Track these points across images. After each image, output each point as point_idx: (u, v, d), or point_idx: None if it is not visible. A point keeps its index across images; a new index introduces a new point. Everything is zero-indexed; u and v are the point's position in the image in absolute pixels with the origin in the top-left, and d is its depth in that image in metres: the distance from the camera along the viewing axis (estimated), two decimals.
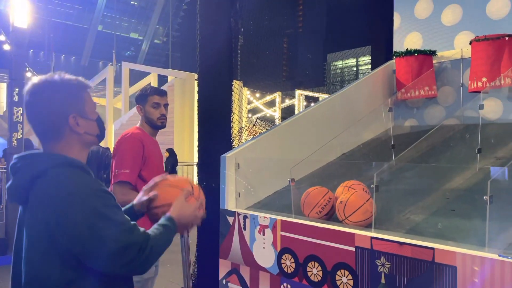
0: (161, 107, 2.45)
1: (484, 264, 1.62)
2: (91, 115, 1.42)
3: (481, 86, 3.49)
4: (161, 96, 2.46)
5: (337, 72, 38.94)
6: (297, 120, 3.30)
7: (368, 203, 2.23)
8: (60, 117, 1.35)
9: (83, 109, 1.39)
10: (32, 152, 1.37)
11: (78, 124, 1.37)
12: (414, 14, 4.29)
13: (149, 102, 2.33)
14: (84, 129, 1.38)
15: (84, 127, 1.38)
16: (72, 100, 1.37)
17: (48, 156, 1.34)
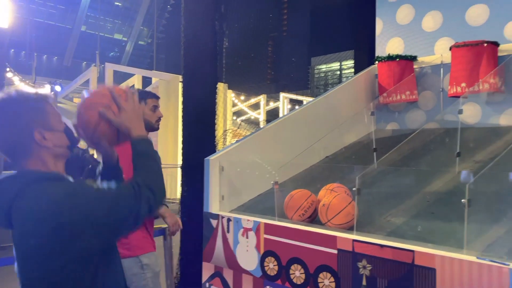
0: (158, 110, 2.44)
1: (463, 266, 1.66)
2: (57, 127, 1.36)
3: (460, 91, 3.58)
4: (157, 99, 2.46)
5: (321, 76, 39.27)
6: (281, 123, 3.31)
7: (350, 206, 2.25)
8: (24, 134, 1.29)
9: (47, 122, 1.33)
10: (5, 175, 1.33)
11: (45, 138, 1.31)
12: (396, 20, 4.37)
13: (148, 105, 2.28)
14: (52, 142, 1.33)
15: (52, 140, 1.32)
16: (34, 115, 1.31)
17: (22, 174, 1.30)
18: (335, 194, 2.39)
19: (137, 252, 2.09)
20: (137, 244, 2.10)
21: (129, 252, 2.07)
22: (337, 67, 37.70)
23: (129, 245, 2.08)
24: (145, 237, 2.12)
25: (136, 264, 2.09)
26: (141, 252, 2.10)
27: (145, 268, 2.09)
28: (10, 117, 1.29)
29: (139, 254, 2.09)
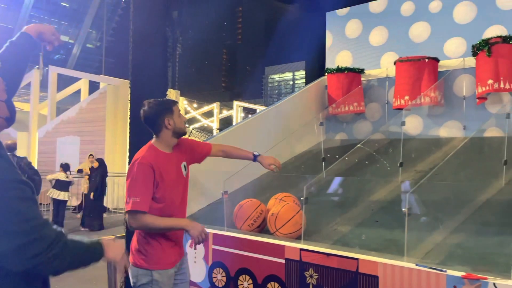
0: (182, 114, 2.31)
1: (403, 273, 1.71)
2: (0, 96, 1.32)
3: (404, 104, 3.75)
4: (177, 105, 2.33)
5: (274, 85, 39.83)
6: (232, 131, 3.30)
7: (298, 215, 2.27)
8: None
9: None
10: None
11: None
12: (345, 34, 4.52)
13: (176, 112, 2.14)
14: None
15: None
16: None
17: None
18: (284, 203, 2.40)
19: (151, 266, 2.02)
20: (152, 259, 2.02)
21: (145, 263, 2.03)
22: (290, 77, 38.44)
23: (146, 258, 2.03)
24: (163, 251, 2.02)
25: (147, 276, 2.03)
26: (155, 267, 2.02)
27: (154, 283, 2.03)
28: None
29: (152, 269, 2.02)
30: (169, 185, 2.04)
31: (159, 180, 2.00)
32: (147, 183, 1.98)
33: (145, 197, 1.96)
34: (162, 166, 2.02)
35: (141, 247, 2.03)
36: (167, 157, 2.07)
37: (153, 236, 2.01)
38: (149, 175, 1.98)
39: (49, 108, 13.08)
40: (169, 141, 2.09)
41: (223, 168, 3.00)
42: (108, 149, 10.61)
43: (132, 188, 1.96)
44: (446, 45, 3.84)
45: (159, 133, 2.09)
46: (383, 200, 2.57)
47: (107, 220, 8.70)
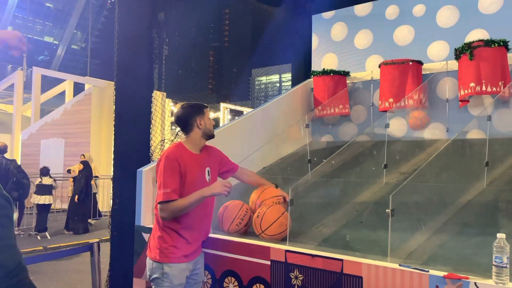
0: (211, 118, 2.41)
1: (387, 273, 1.73)
2: None
3: (388, 106, 3.80)
4: (208, 110, 2.40)
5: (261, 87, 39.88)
6: (220, 133, 3.29)
7: (283, 217, 2.28)
8: None
9: None
10: None
11: None
12: (330, 36, 4.56)
13: (206, 114, 2.27)
14: None
15: None
16: None
17: None
18: (269, 205, 2.40)
19: (161, 259, 2.10)
20: (163, 252, 2.10)
21: (157, 257, 2.11)
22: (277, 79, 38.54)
23: (158, 251, 2.11)
24: (173, 246, 2.06)
25: (159, 270, 2.11)
26: (165, 260, 2.09)
27: (164, 276, 2.10)
28: None
29: (163, 262, 2.09)
30: (192, 184, 2.13)
31: (183, 175, 2.10)
32: (174, 174, 2.09)
33: (174, 186, 2.06)
34: (187, 163, 2.13)
35: (156, 241, 2.12)
36: (192, 157, 2.18)
37: (167, 231, 2.10)
38: (175, 167, 2.10)
39: (32, 110, 12.87)
40: (198, 141, 2.22)
41: None
42: (93, 151, 10.49)
43: (161, 181, 2.07)
44: (430, 48, 3.91)
45: (190, 132, 2.25)
46: (367, 202, 2.60)
47: (101, 222, 8.61)
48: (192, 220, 2.13)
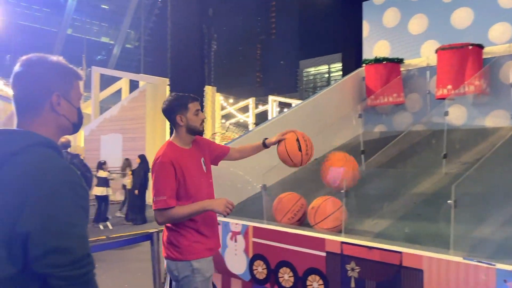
0: (200, 113, 2.35)
1: (450, 266, 1.66)
2: (75, 102, 1.41)
3: (446, 93, 3.62)
4: (197, 102, 2.37)
5: (309, 79, 39.44)
6: (269, 125, 3.31)
7: (339, 212, 2.25)
8: (44, 91, 1.34)
9: (68, 93, 1.39)
10: (6, 129, 1.32)
11: (59, 104, 1.35)
12: (382, 23, 4.41)
13: (191, 110, 2.19)
14: (63, 111, 1.37)
15: (64, 109, 1.37)
16: (61, 81, 1.38)
17: (25, 133, 1.31)
18: (325, 197, 2.38)
19: (188, 257, 2.07)
20: (187, 249, 2.07)
21: (181, 256, 2.08)
22: (326, 70, 37.94)
23: (180, 249, 2.08)
24: (196, 242, 2.07)
25: (187, 268, 2.08)
26: (192, 257, 2.07)
27: (195, 272, 2.08)
28: (40, 73, 1.34)
29: (190, 259, 2.07)
30: (192, 181, 2.08)
31: (181, 176, 2.06)
32: (170, 179, 2.04)
33: (170, 193, 2.02)
34: (182, 162, 2.08)
35: (174, 240, 2.08)
36: (185, 153, 2.12)
37: (185, 228, 2.06)
38: (170, 172, 2.05)
39: (92, 107, 13.62)
40: (185, 137, 2.14)
41: (262, 162, 3.02)
42: (148, 146, 10.92)
43: (157, 187, 2.03)
44: (491, 31, 3.67)
45: (176, 129, 2.16)
46: (426, 193, 2.50)
47: (149, 214, 8.98)
48: (207, 215, 2.09)
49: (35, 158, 1.24)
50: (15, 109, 1.37)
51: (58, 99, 1.35)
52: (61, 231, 1.19)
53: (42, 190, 1.19)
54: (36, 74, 1.35)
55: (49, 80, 1.36)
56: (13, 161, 1.23)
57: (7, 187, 1.21)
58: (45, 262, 1.18)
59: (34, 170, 1.21)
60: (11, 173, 1.22)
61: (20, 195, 1.19)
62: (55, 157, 1.28)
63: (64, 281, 1.19)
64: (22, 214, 1.18)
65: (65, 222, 1.20)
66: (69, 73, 1.42)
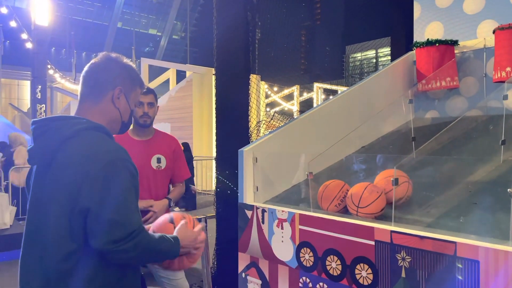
0: (144, 106, 2.42)
1: (508, 258, 1.58)
2: (131, 103, 1.53)
3: (505, 76, 3.39)
4: (145, 95, 2.45)
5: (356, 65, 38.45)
6: (315, 113, 3.27)
7: (380, 199, 2.21)
8: (110, 82, 1.46)
9: (130, 93, 1.51)
10: (61, 116, 1.42)
11: (119, 98, 1.47)
12: (435, 3, 4.19)
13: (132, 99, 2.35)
14: (120, 106, 1.49)
15: (121, 105, 1.49)
16: (128, 80, 1.50)
17: (78, 119, 1.41)
18: (366, 184, 2.34)
19: None
20: None
21: None
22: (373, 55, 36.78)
23: None
24: None
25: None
26: None
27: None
28: (111, 68, 1.48)
29: None
30: None
31: None
32: None
33: None
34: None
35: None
36: (134, 143, 2.14)
37: None
38: None
39: None
40: (135, 128, 2.19)
41: (307, 149, 3.00)
42: (195, 134, 11.18)
43: None
44: None
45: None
46: (482, 181, 2.38)
47: (198, 201, 9.22)
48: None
49: (88, 140, 1.32)
50: (80, 95, 1.48)
51: (120, 93, 1.48)
52: (117, 206, 1.28)
53: (97, 169, 1.28)
54: (109, 66, 1.49)
55: (118, 74, 1.48)
56: (68, 144, 1.31)
57: (65, 168, 1.31)
58: (104, 238, 1.27)
59: (88, 151, 1.30)
60: (67, 155, 1.32)
61: (77, 175, 1.27)
62: (106, 139, 1.37)
63: (124, 253, 1.28)
64: (81, 192, 1.26)
65: (119, 198, 1.28)
66: (136, 78, 1.55)
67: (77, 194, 1.28)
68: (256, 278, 2.68)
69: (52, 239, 1.28)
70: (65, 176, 1.30)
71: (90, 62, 1.50)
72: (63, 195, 1.29)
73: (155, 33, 43.62)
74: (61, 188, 1.29)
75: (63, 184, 1.29)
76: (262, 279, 2.64)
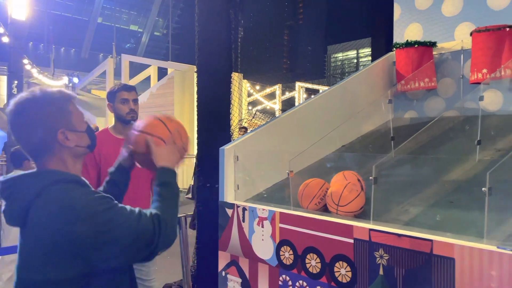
0: (129, 102, 2.44)
1: (483, 256, 1.62)
2: (80, 127, 1.38)
3: (481, 78, 3.47)
4: (128, 92, 2.45)
5: (337, 64, 38.76)
6: (296, 112, 3.29)
7: (359, 197, 2.24)
8: (48, 134, 1.31)
9: (70, 122, 1.35)
10: (24, 174, 1.34)
11: (67, 139, 1.33)
12: (414, 5, 4.26)
13: (117, 98, 2.34)
14: (74, 143, 1.35)
15: (74, 141, 1.35)
16: (58, 115, 1.32)
17: (44, 174, 1.32)
18: (345, 182, 2.36)
19: None
20: None
21: None
22: (354, 55, 37.15)
23: None
24: None
25: None
26: None
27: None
28: (34, 118, 1.29)
29: None
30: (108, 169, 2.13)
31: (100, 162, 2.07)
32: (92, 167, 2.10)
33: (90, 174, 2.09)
34: (104, 149, 2.10)
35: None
36: (114, 141, 2.15)
37: None
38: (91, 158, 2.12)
39: None
40: (117, 125, 2.22)
41: (289, 148, 3.01)
42: None
43: None
44: None
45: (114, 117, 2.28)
46: (458, 180, 2.43)
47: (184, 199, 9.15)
48: None
49: (58, 195, 1.26)
50: (24, 151, 1.37)
51: (64, 135, 1.32)
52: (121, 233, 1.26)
53: (72, 224, 1.22)
54: (32, 121, 1.29)
55: (47, 121, 1.30)
56: (37, 202, 1.26)
57: (37, 227, 1.26)
58: (137, 252, 1.30)
59: (57, 208, 1.24)
60: (38, 214, 1.26)
61: (58, 231, 1.23)
62: (74, 188, 1.29)
63: (165, 238, 1.33)
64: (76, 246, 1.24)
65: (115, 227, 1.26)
66: (62, 102, 1.35)
67: (63, 250, 1.26)
68: (236, 277, 2.68)
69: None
70: (38, 237, 1.27)
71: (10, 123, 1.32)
72: (42, 253, 1.27)
73: (136, 29, 43.06)
74: (36, 248, 1.28)
75: (40, 244, 1.27)
76: (242, 278, 2.64)
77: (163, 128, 1.56)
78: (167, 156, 1.51)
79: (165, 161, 1.49)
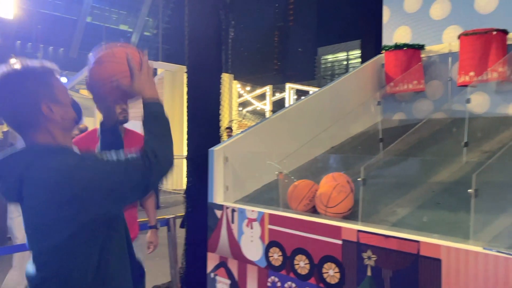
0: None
1: (469, 257, 1.64)
2: (64, 100, 1.37)
3: (468, 80, 3.52)
4: None
5: (327, 66, 38.97)
6: (286, 113, 3.29)
7: (348, 198, 2.25)
8: (32, 108, 1.29)
9: (54, 95, 1.33)
10: (13, 150, 1.33)
11: (52, 111, 1.32)
12: (403, 8, 4.30)
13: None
14: (59, 115, 1.34)
15: (59, 113, 1.34)
16: (41, 88, 1.30)
17: (32, 147, 1.33)
18: (335, 184, 2.37)
19: None
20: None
21: None
22: (344, 57, 37.40)
23: None
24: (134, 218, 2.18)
25: None
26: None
27: None
28: (17, 92, 1.27)
29: None
30: None
31: None
32: None
33: None
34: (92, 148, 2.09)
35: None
36: None
37: None
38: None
39: None
40: None
41: (278, 149, 3.02)
42: None
43: None
44: None
45: None
46: (445, 182, 2.46)
47: (167, 200, 9.10)
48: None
49: (48, 165, 1.25)
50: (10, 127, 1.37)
51: (49, 107, 1.30)
52: (119, 180, 1.29)
53: (63, 183, 1.23)
54: (14, 95, 1.27)
55: (30, 94, 1.28)
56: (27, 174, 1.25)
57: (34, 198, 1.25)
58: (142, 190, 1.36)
59: (47, 173, 1.24)
60: (31, 184, 1.25)
61: (53, 196, 1.23)
62: (63, 156, 1.29)
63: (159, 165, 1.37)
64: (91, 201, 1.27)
65: (113, 169, 1.29)
66: (44, 75, 1.33)
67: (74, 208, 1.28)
68: (225, 278, 2.67)
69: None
70: (41, 202, 1.29)
71: None
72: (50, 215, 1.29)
73: (126, 29, 42.76)
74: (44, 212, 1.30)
75: (44, 210, 1.29)
76: (231, 279, 2.63)
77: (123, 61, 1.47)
78: (142, 86, 1.50)
79: (143, 91, 1.50)
